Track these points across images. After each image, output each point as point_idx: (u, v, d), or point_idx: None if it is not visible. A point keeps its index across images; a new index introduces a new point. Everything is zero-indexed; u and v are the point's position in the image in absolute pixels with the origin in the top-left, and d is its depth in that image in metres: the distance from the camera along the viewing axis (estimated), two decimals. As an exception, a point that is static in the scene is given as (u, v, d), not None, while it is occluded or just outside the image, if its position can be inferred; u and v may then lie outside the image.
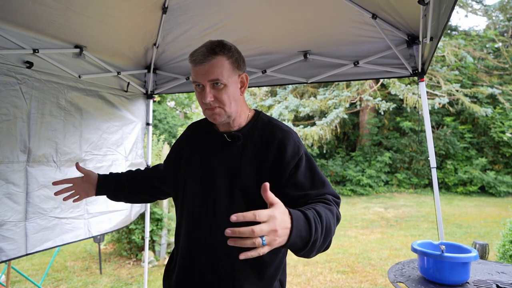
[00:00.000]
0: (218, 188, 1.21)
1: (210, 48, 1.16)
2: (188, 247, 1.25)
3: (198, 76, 1.15)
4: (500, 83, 14.00)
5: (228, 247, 0.83)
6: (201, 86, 1.17)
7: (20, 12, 2.03)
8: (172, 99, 20.51)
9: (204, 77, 1.14)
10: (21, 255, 2.26)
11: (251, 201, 1.17)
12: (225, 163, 1.23)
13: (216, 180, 1.22)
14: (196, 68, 1.16)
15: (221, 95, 1.16)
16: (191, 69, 1.18)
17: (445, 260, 1.63)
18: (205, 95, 1.15)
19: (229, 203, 1.19)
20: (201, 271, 1.22)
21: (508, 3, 14.59)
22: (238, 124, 1.27)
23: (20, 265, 5.19)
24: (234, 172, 1.20)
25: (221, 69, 1.15)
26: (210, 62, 1.14)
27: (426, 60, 2.47)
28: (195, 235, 1.24)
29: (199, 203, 1.24)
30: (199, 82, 1.16)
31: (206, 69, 1.14)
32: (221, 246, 1.17)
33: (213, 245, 1.20)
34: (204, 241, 1.21)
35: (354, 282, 4.51)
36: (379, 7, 2.23)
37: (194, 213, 1.25)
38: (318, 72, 2.85)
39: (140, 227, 5.23)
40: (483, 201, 11.41)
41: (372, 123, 14.63)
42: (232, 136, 1.24)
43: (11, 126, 2.20)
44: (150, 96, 3.34)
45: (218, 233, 1.13)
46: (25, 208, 2.28)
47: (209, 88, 1.15)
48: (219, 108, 1.17)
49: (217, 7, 2.44)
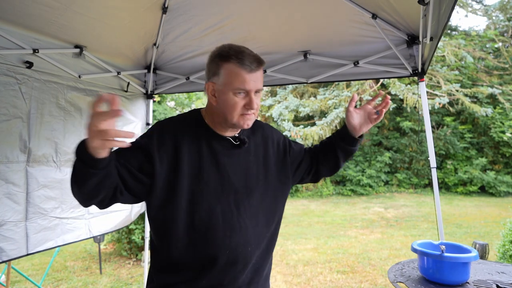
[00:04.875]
0: (248, 189, 1.24)
1: (260, 60, 1.18)
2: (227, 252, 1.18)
3: (249, 83, 1.14)
4: (500, 83, 13.99)
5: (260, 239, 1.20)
6: (244, 93, 1.15)
7: (20, 12, 2.03)
8: (172, 99, 20.49)
9: (255, 84, 1.15)
10: (22, 255, 2.26)
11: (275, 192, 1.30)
12: (238, 166, 1.24)
13: (238, 183, 1.22)
14: (249, 75, 1.13)
15: (259, 102, 1.21)
16: (238, 75, 1.13)
17: (445, 260, 1.63)
18: (252, 101, 1.15)
19: (259, 200, 1.25)
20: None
21: (508, 3, 14.59)
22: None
23: (20, 265, 5.19)
24: (252, 173, 1.25)
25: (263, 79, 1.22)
26: (260, 70, 1.17)
27: (426, 60, 2.47)
28: (233, 240, 1.18)
29: (228, 215, 1.18)
30: (249, 89, 1.14)
31: (257, 77, 1.16)
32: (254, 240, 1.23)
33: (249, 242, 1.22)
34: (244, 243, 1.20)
35: (354, 282, 4.51)
36: (379, 7, 2.23)
37: (222, 219, 1.18)
38: (318, 72, 2.85)
39: (140, 227, 5.23)
40: (483, 201, 11.41)
41: (372, 123, 14.62)
42: (239, 139, 1.25)
43: (11, 126, 2.20)
44: (150, 96, 3.34)
45: (253, 234, 1.22)
46: (26, 208, 2.28)
47: (254, 95, 1.16)
48: (254, 114, 1.20)
49: (217, 7, 2.44)
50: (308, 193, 13.02)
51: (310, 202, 11.81)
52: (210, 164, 1.19)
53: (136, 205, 3.28)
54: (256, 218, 1.23)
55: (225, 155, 1.22)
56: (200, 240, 1.16)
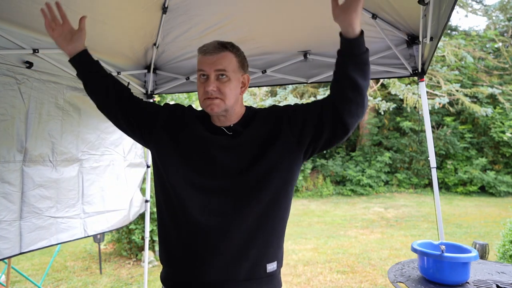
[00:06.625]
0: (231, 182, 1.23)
1: (221, 43, 1.23)
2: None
3: (205, 65, 1.20)
4: (500, 83, 13.99)
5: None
6: (205, 76, 1.21)
7: (20, 12, 2.03)
8: (172, 99, 20.49)
9: (211, 66, 1.20)
10: (15, 253, 2.25)
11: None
12: (229, 156, 1.24)
13: (223, 174, 1.24)
14: (205, 57, 1.21)
15: (224, 88, 1.21)
16: (199, 60, 1.23)
17: (445, 260, 1.63)
18: (208, 83, 1.19)
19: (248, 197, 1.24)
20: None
21: (508, 3, 14.59)
22: (233, 119, 1.29)
23: (20, 265, 5.19)
24: (241, 166, 1.24)
25: (228, 63, 1.22)
26: (219, 54, 1.21)
27: (426, 60, 2.47)
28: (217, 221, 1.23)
29: (212, 201, 1.23)
30: (205, 70, 1.20)
31: (214, 60, 1.20)
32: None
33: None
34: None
35: (354, 282, 4.51)
36: (379, 7, 2.23)
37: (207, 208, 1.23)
38: (318, 72, 2.85)
39: (140, 227, 5.23)
40: (483, 201, 11.40)
41: (372, 123, 14.63)
42: (231, 129, 1.27)
43: (8, 126, 2.20)
44: (150, 96, 3.33)
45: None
46: (20, 207, 2.28)
47: (213, 79, 1.20)
48: (219, 99, 1.20)
49: (217, 7, 2.44)
50: (308, 193, 13.01)
51: (310, 202, 11.81)
52: (201, 151, 1.26)
53: (134, 205, 3.27)
54: (236, 203, 1.23)
55: (217, 144, 1.26)
56: (179, 212, 1.26)
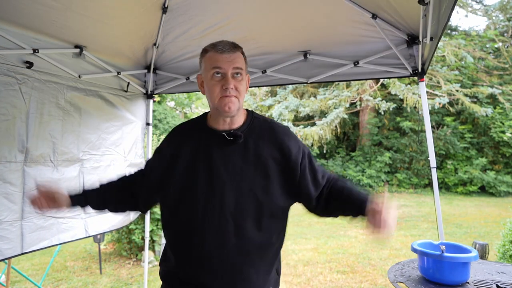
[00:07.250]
0: (231, 189, 1.22)
1: (234, 43, 1.26)
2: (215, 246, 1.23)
3: (223, 62, 1.21)
4: (500, 83, 13.99)
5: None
6: (221, 75, 1.21)
7: (20, 12, 2.03)
8: (172, 99, 20.51)
9: (229, 64, 1.21)
10: (16, 254, 2.26)
11: (261, 197, 1.23)
12: (230, 162, 1.23)
13: (226, 181, 1.22)
14: (221, 55, 1.21)
15: (240, 86, 1.23)
16: (212, 57, 1.22)
17: (445, 260, 1.63)
18: (228, 81, 1.20)
19: (246, 203, 1.23)
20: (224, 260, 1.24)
21: (508, 3, 14.59)
22: (237, 123, 1.28)
23: (20, 265, 5.19)
24: (241, 172, 1.23)
25: (242, 62, 1.26)
26: (235, 53, 1.24)
27: (426, 60, 2.47)
28: (215, 232, 1.22)
29: (211, 206, 1.22)
30: (223, 68, 1.20)
31: (232, 58, 1.22)
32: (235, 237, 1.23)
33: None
34: (229, 240, 1.22)
35: (354, 282, 4.51)
36: (379, 7, 2.23)
37: (207, 215, 1.22)
38: (318, 72, 2.84)
39: (140, 227, 5.22)
40: (483, 201, 11.40)
41: (372, 123, 14.63)
42: (233, 134, 1.25)
43: (9, 126, 2.20)
44: (150, 96, 3.33)
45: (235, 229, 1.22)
46: (22, 207, 2.28)
47: (230, 76, 1.21)
48: (235, 97, 1.21)
49: (217, 7, 2.44)
50: (308, 193, 13.00)
51: (310, 202, 11.79)
52: (203, 159, 1.25)
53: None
54: (238, 211, 1.23)
55: (218, 150, 1.25)
56: (184, 232, 1.26)
